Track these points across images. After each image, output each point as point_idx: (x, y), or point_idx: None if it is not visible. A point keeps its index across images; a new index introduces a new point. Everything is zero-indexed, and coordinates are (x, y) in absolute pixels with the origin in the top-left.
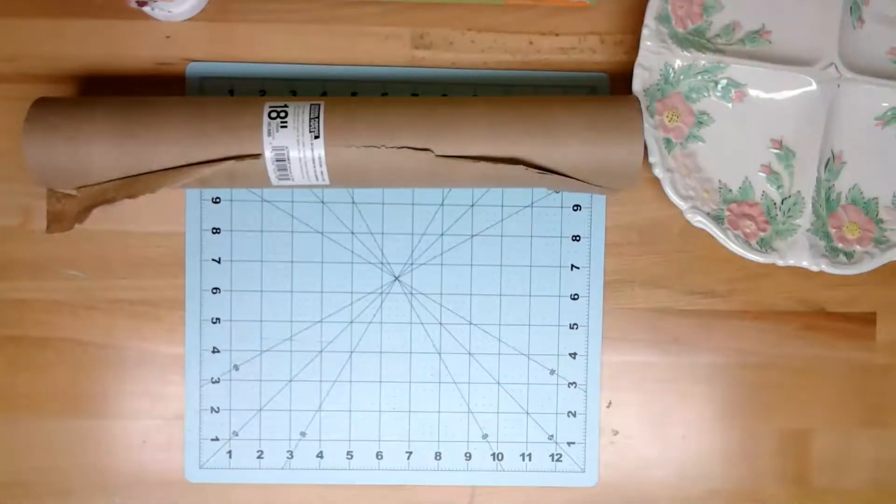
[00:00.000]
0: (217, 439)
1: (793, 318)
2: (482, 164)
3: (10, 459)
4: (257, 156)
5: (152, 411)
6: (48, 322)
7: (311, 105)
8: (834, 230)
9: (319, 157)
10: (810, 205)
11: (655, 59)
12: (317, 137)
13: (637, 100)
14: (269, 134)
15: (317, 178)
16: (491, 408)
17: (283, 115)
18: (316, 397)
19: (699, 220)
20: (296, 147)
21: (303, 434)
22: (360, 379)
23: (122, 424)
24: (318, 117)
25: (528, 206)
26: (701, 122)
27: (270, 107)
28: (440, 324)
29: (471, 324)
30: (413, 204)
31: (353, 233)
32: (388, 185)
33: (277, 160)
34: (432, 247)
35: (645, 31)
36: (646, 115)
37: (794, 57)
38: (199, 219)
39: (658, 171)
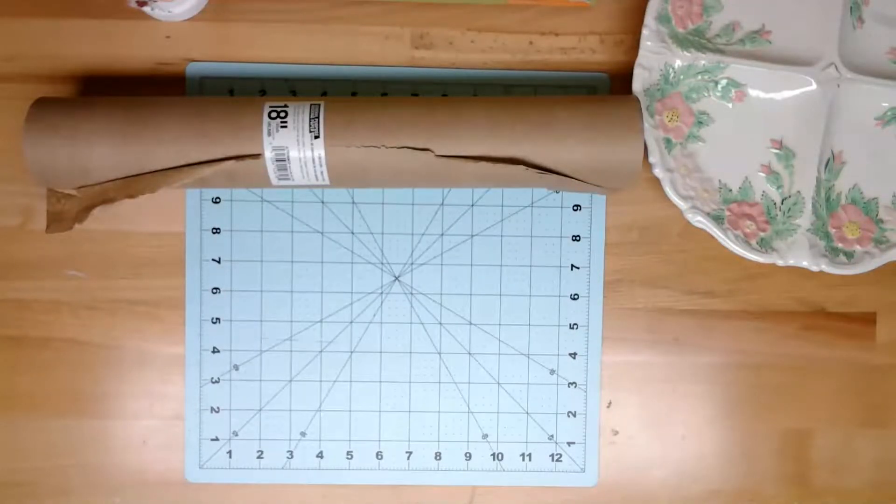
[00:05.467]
0: (217, 439)
1: (793, 318)
2: (482, 164)
3: (10, 459)
4: (257, 156)
5: (152, 411)
6: (48, 322)
7: (311, 105)
8: (834, 230)
9: (319, 157)
10: (810, 205)
11: (655, 59)
12: (317, 137)
13: (637, 100)
14: (269, 134)
15: (317, 178)
16: (491, 408)
17: (283, 115)
18: (316, 397)
19: (699, 220)
20: (296, 147)
21: (303, 434)
22: (360, 379)
23: (122, 424)
24: (318, 117)
25: (528, 206)
26: (701, 122)
27: (270, 107)
28: (440, 324)
29: (471, 324)
30: (413, 204)
31: (353, 233)
32: (388, 185)
33: (277, 160)
34: (432, 247)
35: (645, 31)
36: (646, 115)
37: (794, 57)
38: (199, 219)
39: (658, 171)
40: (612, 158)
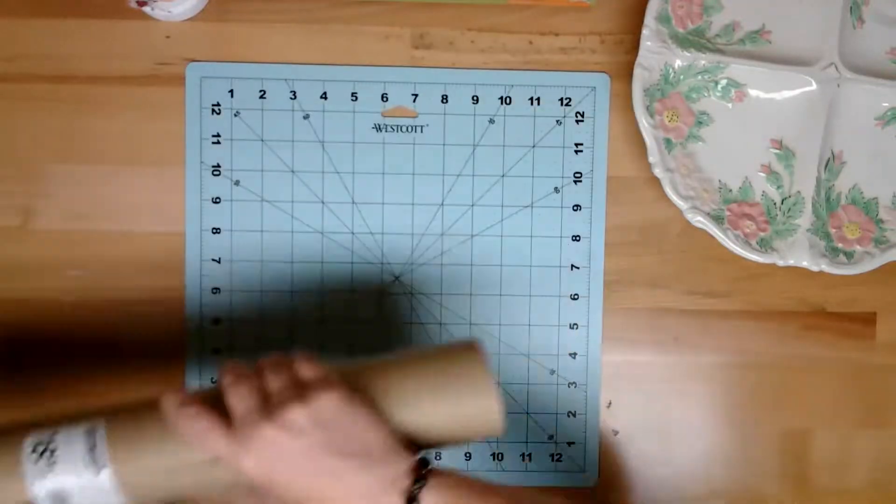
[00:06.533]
0: None
1: (793, 318)
2: None
3: None
4: None
5: None
6: (48, 322)
7: (85, 433)
8: (834, 230)
9: (113, 487)
10: (810, 205)
11: (655, 59)
12: (103, 468)
13: (476, 343)
14: (32, 480)
15: None
16: None
17: (51, 450)
18: None
19: (699, 220)
20: (76, 483)
21: None
22: None
23: None
24: (95, 447)
25: (528, 207)
26: (701, 122)
27: (34, 442)
28: (440, 324)
29: (471, 324)
30: (413, 204)
31: (353, 233)
32: (202, 492)
33: None
34: (432, 247)
35: (645, 31)
36: (646, 114)
37: (794, 57)
38: (199, 219)
39: (658, 171)
40: (470, 412)
